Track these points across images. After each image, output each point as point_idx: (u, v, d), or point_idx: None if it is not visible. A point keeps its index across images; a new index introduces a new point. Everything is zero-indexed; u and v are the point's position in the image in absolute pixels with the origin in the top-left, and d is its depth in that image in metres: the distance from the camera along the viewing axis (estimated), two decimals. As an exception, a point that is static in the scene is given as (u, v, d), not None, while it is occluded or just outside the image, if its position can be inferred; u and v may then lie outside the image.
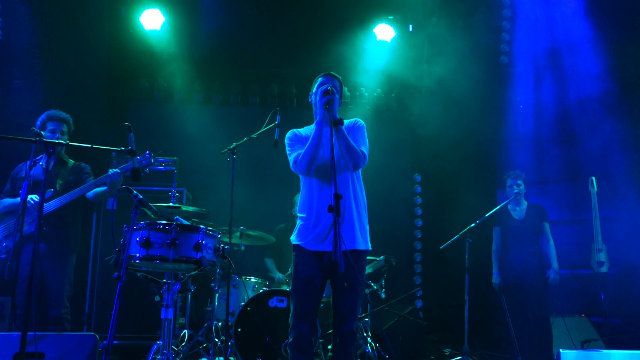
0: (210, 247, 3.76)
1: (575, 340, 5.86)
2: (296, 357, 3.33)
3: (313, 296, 3.39)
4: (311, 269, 3.39)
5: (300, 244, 3.46)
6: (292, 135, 3.61)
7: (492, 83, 7.71)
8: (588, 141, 7.23)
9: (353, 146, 3.39)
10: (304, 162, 3.40)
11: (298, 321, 3.34)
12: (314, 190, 3.46)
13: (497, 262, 5.56)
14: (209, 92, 7.73)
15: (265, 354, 4.85)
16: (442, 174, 7.69)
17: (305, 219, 3.47)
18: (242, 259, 6.07)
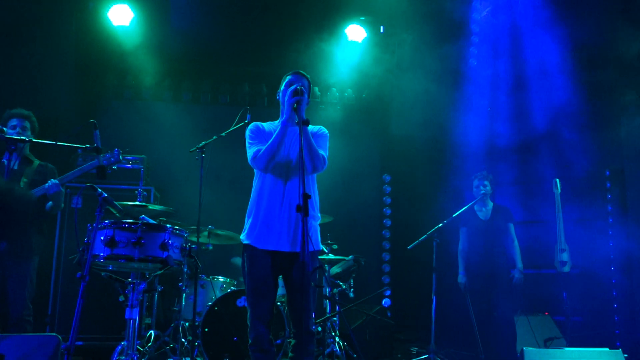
0: (176, 246, 3.73)
1: (539, 339, 5.98)
2: (257, 358, 3.33)
3: (268, 296, 3.37)
4: (264, 269, 3.37)
5: (251, 244, 3.42)
6: (254, 128, 3.58)
7: (461, 85, 7.81)
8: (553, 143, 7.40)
9: (316, 148, 3.40)
10: (263, 158, 3.38)
11: (255, 322, 3.33)
12: (268, 188, 3.44)
13: (463, 262, 5.64)
14: (178, 90, 7.66)
15: (233, 354, 4.83)
16: (411, 175, 7.77)
17: (256, 215, 3.44)
18: (210, 258, 6.03)
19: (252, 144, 3.50)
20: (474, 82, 7.85)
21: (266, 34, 7.47)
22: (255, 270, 3.39)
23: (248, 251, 3.45)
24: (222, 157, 6.36)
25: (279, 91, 3.61)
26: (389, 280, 7.75)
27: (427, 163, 7.56)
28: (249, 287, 3.41)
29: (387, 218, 7.97)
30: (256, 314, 3.35)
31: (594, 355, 4.87)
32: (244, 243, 3.48)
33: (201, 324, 4.89)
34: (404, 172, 7.90)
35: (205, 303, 5.34)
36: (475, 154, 7.78)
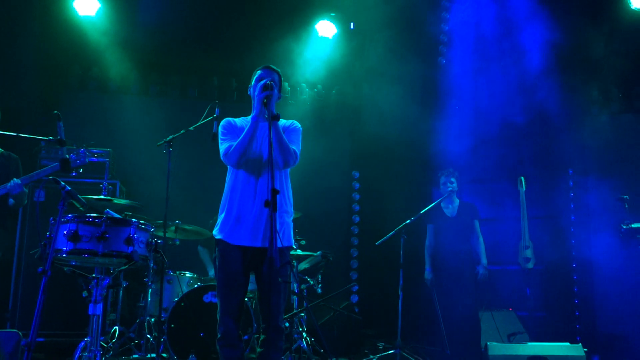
0: (142, 241, 3.68)
1: (502, 333, 6.09)
2: (225, 352, 3.32)
3: (238, 292, 3.37)
4: (235, 265, 3.37)
5: (223, 239, 3.41)
6: (226, 124, 3.56)
7: (430, 83, 7.88)
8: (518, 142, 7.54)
9: (286, 143, 3.39)
10: (235, 154, 3.37)
11: (225, 317, 3.33)
12: (240, 183, 3.43)
13: (430, 258, 5.70)
14: (146, 83, 7.54)
15: (199, 350, 4.79)
16: (380, 171, 7.82)
17: (228, 211, 3.43)
18: (177, 253, 5.96)
19: (224, 140, 3.49)
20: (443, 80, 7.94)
21: (236, 27, 7.42)
22: (226, 265, 3.38)
23: (220, 246, 3.43)
24: (190, 151, 6.31)
25: (250, 86, 3.59)
26: (356, 276, 7.79)
27: (396, 160, 7.62)
28: (220, 281, 3.40)
29: (355, 214, 8.01)
30: (226, 308, 3.34)
31: (555, 350, 4.99)
32: (216, 238, 3.46)
33: (167, 320, 4.84)
34: (373, 168, 7.94)
35: (172, 299, 5.28)
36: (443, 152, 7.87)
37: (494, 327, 6.04)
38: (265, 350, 3.33)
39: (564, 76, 7.13)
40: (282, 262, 3.34)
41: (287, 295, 3.65)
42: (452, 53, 7.91)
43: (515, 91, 7.55)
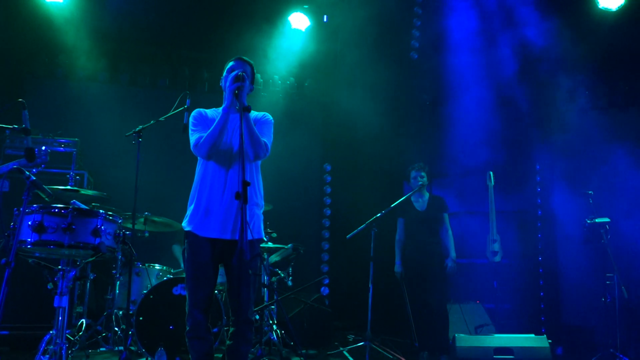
0: (110, 232, 3.62)
1: (470, 325, 6.19)
2: (193, 344, 3.30)
3: (207, 284, 3.35)
4: (204, 257, 3.34)
5: (192, 231, 3.38)
6: (197, 115, 3.52)
7: (401, 78, 7.92)
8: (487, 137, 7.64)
9: (257, 135, 3.37)
10: (205, 145, 3.34)
11: (193, 309, 3.31)
12: (210, 175, 3.40)
13: (400, 252, 5.74)
14: (115, 71, 7.40)
15: (168, 343, 4.74)
16: (351, 164, 7.84)
17: (198, 203, 3.40)
18: (146, 245, 5.89)
19: (194, 131, 3.45)
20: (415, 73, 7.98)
21: (208, 18, 7.33)
22: (195, 257, 3.36)
23: (189, 238, 3.40)
24: (160, 142, 6.23)
25: (222, 77, 3.56)
26: (327, 268, 7.81)
27: (367, 153, 7.65)
28: (189, 274, 3.37)
29: (327, 207, 8.03)
30: (194, 301, 3.32)
31: (521, 341, 5.09)
32: (185, 230, 3.43)
33: (135, 313, 4.78)
34: (344, 162, 7.96)
35: (140, 291, 5.22)
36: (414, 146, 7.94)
37: (462, 319, 6.13)
38: (234, 343, 3.32)
39: (533, 73, 7.25)
40: (252, 254, 3.33)
41: (257, 288, 3.64)
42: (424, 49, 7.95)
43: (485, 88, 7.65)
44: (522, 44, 7.13)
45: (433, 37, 7.86)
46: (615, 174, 6.48)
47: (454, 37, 7.62)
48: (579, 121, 6.98)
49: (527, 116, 7.44)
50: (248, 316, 3.33)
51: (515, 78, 7.31)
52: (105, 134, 6.61)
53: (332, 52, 7.81)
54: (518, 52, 7.24)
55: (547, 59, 7.12)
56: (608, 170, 6.52)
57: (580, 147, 6.87)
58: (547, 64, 7.11)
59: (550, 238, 7.10)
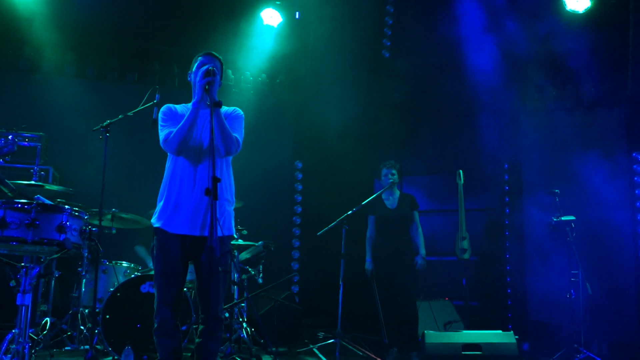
0: (75, 228, 3.54)
1: (439, 322, 6.25)
2: (162, 342, 3.25)
3: (176, 281, 3.31)
4: (174, 253, 3.30)
5: (162, 227, 3.33)
6: (167, 110, 3.47)
7: (373, 76, 7.95)
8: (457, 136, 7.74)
9: (228, 130, 3.34)
10: (174, 141, 3.29)
11: (161, 307, 3.27)
12: (180, 171, 3.36)
13: (370, 249, 5.75)
14: (82, 65, 7.24)
15: (136, 341, 4.66)
16: (323, 162, 7.84)
17: (167, 199, 3.36)
18: (113, 242, 5.79)
19: (163, 127, 3.40)
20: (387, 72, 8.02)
21: (179, 12, 7.24)
22: (164, 254, 3.31)
23: (158, 235, 3.36)
24: (128, 137, 6.12)
25: (190, 72, 3.51)
26: (298, 266, 7.80)
27: (338, 151, 7.65)
28: (157, 270, 3.33)
29: (298, 204, 8.01)
30: (163, 298, 3.28)
31: (488, 337, 5.16)
32: (155, 226, 3.38)
33: (102, 311, 4.69)
34: (316, 159, 7.95)
35: (107, 289, 5.12)
36: (385, 144, 7.99)
37: (431, 316, 6.19)
38: (203, 341, 3.28)
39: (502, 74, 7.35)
40: (222, 251, 3.29)
41: (227, 285, 3.60)
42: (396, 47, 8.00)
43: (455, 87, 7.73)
44: (491, 44, 7.22)
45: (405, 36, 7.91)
46: (581, 173, 6.61)
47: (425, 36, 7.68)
48: (547, 121, 7.11)
49: (496, 116, 7.54)
50: (217, 314, 3.29)
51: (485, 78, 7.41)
52: (72, 129, 6.47)
53: (304, 49, 7.79)
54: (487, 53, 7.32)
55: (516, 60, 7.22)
56: (574, 170, 6.65)
57: (547, 146, 6.99)
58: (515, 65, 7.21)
59: (517, 236, 7.21)
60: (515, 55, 7.07)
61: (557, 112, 7.09)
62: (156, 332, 3.27)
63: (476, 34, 7.20)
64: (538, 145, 7.06)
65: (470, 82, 7.64)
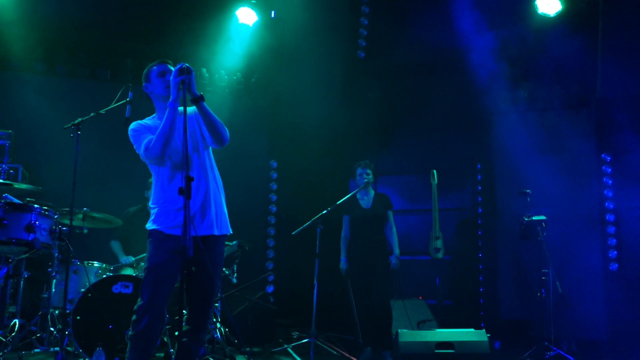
0: (45, 228, 3.48)
1: (412, 321, 6.30)
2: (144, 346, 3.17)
3: (168, 283, 3.25)
4: (168, 254, 3.24)
5: (158, 228, 3.28)
6: (137, 126, 3.37)
7: (348, 76, 7.98)
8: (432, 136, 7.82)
9: (218, 120, 3.30)
10: (157, 145, 3.18)
11: (150, 308, 3.17)
12: (170, 174, 3.30)
13: (345, 249, 5.77)
14: (52, 62, 7.09)
15: (107, 343, 4.59)
16: (298, 161, 7.84)
17: (164, 203, 3.30)
18: (85, 242, 5.69)
19: (140, 139, 3.29)
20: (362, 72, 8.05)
21: (153, 8, 7.15)
22: (157, 255, 3.26)
23: (153, 236, 3.30)
24: (100, 136, 6.03)
25: (147, 84, 3.45)
26: (272, 265, 7.78)
27: (314, 150, 7.66)
28: (150, 272, 3.25)
29: (272, 204, 7.99)
30: (153, 300, 3.20)
31: (461, 335, 5.22)
32: (149, 229, 3.33)
33: (73, 312, 4.60)
34: (291, 158, 7.94)
35: (78, 290, 5.03)
36: (360, 143, 8.02)
37: (405, 315, 6.23)
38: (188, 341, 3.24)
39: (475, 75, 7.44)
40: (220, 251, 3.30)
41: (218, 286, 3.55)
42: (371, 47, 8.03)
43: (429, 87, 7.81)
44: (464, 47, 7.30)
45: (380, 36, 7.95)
46: (552, 174, 6.73)
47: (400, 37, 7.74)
48: (518, 123, 7.21)
49: (469, 117, 7.64)
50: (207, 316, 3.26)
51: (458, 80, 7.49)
52: (42, 127, 6.36)
53: (280, 48, 7.76)
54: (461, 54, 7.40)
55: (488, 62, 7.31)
56: (545, 170, 6.77)
57: (519, 147, 7.10)
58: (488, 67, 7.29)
59: (490, 235, 7.31)
60: (487, 58, 7.16)
61: (529, 114, 7.20)
62: (141, 335, 3.16)
63: (450, 36, 7.27)
64: (510, 146, 7.16)
65: (444, 83, 7.73)
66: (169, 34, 6.89)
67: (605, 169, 6.77)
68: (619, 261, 6.53)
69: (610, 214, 6.65)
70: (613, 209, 6.65)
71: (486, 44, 7.13)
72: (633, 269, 6.45)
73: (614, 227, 6.60)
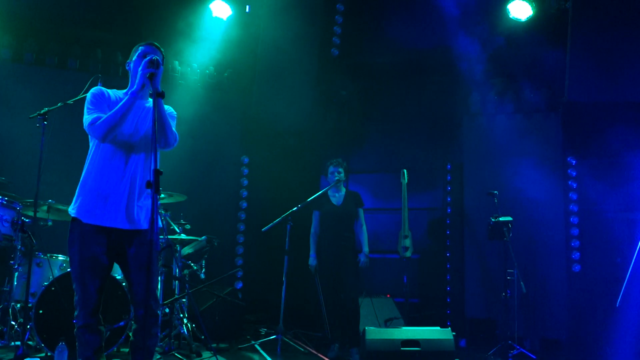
0: (6, 219, 3.41)
1: (380, 319, 6.34)
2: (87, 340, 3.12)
3: (101, 276, 3.18)
4: (98, 247, 3.16)
5: (84, 220, 3.18)
6: (98, 93, 3.30)
7: (322, 73, 7.97)
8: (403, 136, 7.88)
9: (169, 123, 3.25)
10: (103, 127, 3.14)
11: (86, 305, 3.14)
12: (108, 159, 3.22)
13: (314, 245, 5.77)
14: (19, 50, 6.93)
15: (70, 337, 4.50)
16: (269, 158, 7.81)
17: (92, 188, 3.21)
18: (49, 235, 5.57)
19: (91, 110, 3.23)
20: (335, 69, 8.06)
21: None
22: (86, 247, 3.16)
23: (79, 227, 3.19)
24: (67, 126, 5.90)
25: (130, 61, 3.40)
26: (241, 262, 7.74)
27: (286, 147, 7.65)
28: (77, 265, 3.16)
29: (243, 200, 7.94)
30: (85, 295, 3.15)
31: (427, 334, 5.28)
32: (73, 216, 3.22)
33: (35, 306, 4.51)
34: (262, 154, 7.91)
35: (41, 283, 4.93)
36: (332, 141, 8.04)
37: (373, 312, 6.27)
38: (137, 339, 3.19)
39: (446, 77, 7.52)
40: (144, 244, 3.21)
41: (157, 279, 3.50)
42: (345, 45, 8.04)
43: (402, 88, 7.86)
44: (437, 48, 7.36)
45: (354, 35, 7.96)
46: (519, 176, 6.84)
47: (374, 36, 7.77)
48: (488, 125, 7.31)
49: (440, 118, 7.72)
50: (153, 308, 3.20)
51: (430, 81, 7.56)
52: (7, 116, 6.20)
53: (254, 43, 7.71)
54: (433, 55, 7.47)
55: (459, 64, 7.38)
56: (512, 172, 6.88)
57: (488, 149, 7.20)
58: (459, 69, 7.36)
59: (457, 235, 7.40)
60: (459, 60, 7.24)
61: (498, 116, 7.31)
62: (81, 331, 3.14)
63: (424, 37, 7.33)
64: (479, 147, 7.26)
65: (417, 83, 7.80)
66: (141, 26, 6.79)
67: (570, 172, 6.91)
68: (581, 262, 6.68)
69: (574, 217, 6.79)
70: (577, 212, 6.79)
71: (459, 46, 7.20)
72: (595, 270, 6.60)
73: (577, 229, 6.74)
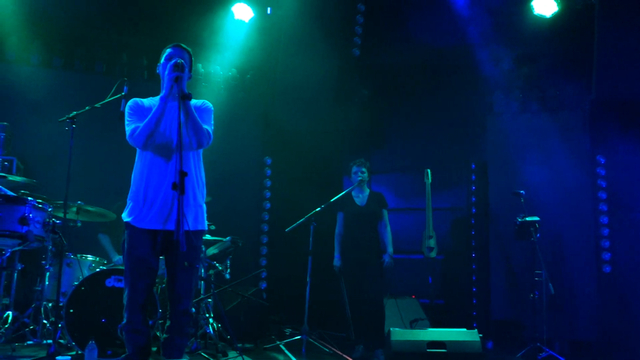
0: (38, 221, 3.48)
1: (405, 320, 6.32)
2: (130, 338, 3.22)
3: (147, 276, 3.29)
4: (144, 249, 3.28)
5: (132, 223, 3.32)
6: (133, 105, 3.44)
7: (343, 73, 7.98)
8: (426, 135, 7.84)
9: (199, 123, 3.32)
10: (142, 135, 3.27)
11: (131, 302, 3.24)
12: (149, 165, 3.34)
13: (339, 246, 5.77)
14: (49, 54, 7.07)
15: (100, 336, 4.58)
16: (292, 158, 7.84)
17: (137, 194, 3.34)
18: (79, 236, 5.68)
19: (130, 122, 3.38)
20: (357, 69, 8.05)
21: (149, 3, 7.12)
22: (135, 249, 3.30)
23: (129, 230, 3.34)
24: (95, 129, 6.03)
25: (159, 64, 3.49)
26: (266, 262, 7.78)
27: (308, 147, 7.66)
28: (128, 266, 3.31)
29: (266, 200, 7.98)
30: (133, 294, 3.25)
31: (453, 335, 5.24)
32: (125, 221, 3.36)
33: (66, 305, 4.60)
34: (285, 155, 7.94)
35: (71, 283, 5.03)
36: (354, 141, 8.04)
37: (398, 313, 6.25)
38: (171, 336, 3.26)
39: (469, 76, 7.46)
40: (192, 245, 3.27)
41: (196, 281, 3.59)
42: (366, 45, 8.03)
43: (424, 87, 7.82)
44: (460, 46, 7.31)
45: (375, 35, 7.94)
46: (546, 175, 6.76)
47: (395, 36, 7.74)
48: (512, 124, 7.24)
49: (463, 117, 7.66)
50: (188, 308, 3.28)
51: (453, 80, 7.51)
52: (37, 119, 6.33)
53: (275, 45, 7.75)
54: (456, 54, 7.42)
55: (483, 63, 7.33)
56: (539, 171, 6.79)
57: (513, 148, 7.12)
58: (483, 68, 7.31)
59: (483, 235, 7.34)
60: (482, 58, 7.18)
61: (523, 115, 7.23)
62: (125, 328, 3.25)
63: (445, 36, 7.29)
64: (504, 146, 7.19)
65: (439, 83, 7.75)
66: (165, 29, 6.87)
67: (599, 170, 6.80)
68: (612, 263, 6.57)
69: (603, 216, 6.68)
70: (607, 211, 6.68)
71: (482, 44, 7.14)
72: (626, 271, 6.49)
73: (607, 229, 6.63)
